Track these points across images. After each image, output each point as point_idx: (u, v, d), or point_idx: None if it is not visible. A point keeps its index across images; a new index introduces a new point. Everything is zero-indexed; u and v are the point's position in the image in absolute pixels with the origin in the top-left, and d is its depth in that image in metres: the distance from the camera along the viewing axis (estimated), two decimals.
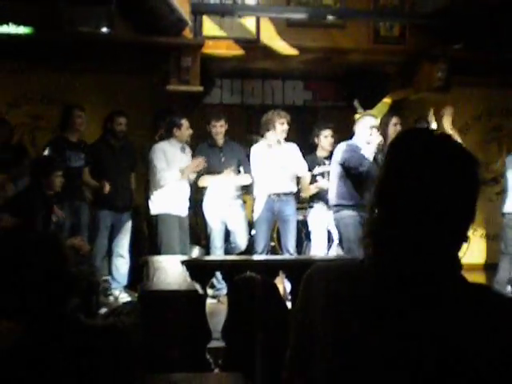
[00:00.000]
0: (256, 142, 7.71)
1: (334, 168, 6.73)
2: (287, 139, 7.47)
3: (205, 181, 7.63)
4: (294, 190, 7.56)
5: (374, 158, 6.53)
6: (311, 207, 7.67)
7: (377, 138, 6.58)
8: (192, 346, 4.15)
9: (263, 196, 7.38)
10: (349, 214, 6.47)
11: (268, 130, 7.32)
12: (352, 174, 6.50)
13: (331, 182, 6.81)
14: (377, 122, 6.83)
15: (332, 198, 6.74)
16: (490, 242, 9.80)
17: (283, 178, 7.36)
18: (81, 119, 7.43)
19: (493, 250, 9.11)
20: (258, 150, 7.48)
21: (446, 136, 1.45)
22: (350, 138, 6.76)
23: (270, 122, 7.33)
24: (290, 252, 7.29)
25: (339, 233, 6.76)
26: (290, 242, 7.37)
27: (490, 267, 8.47)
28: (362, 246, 1.45)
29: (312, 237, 7.61)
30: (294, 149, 7.49)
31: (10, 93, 8.88)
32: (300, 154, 7.48)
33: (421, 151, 1.39)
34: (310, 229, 7.67)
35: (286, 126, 7.33)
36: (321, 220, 7.46)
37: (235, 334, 4.46)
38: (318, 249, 7.40)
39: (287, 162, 7.34)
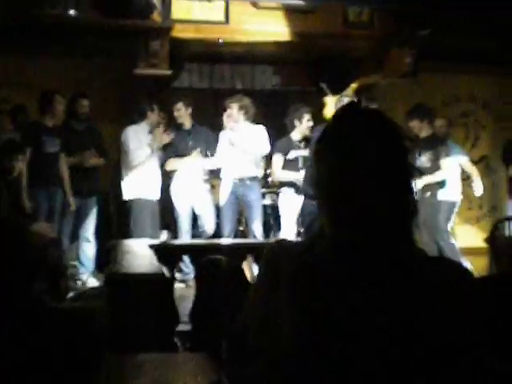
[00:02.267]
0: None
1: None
2: (256, 123, 7.50)
3: (172, 164, 7.63)
4: (259, 174, 7.58)
5: None
6: (279, 192, 7.70)
7: None
8: (160, 329, 4.16)
9: (228, 180, 7.40)
10: None
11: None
12: None
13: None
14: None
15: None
16: None
17: (246, 162, 7.38)
18: (61, 106, 7.35)
19: None
20: (222, 135, 7.51)
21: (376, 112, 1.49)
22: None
23: (225, 106, 7.40)
24: (256, 236, 7.31)
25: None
26: (256, 226, 7.39)
27: None
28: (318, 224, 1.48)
29: (281, 222, 7.63)
30: (258, 131, 7.48)
31: None
32: (266, 136, 7.47)
33: (361, 136, 1.43)
34: (280, 214, 7.68)
35: (233, 111, 7.36)
36: (291, 205, 7.46)
37: (202, 316, 4.48)
38: (287, 234, 7.40)
39: (249, 145, 7.35)
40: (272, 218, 8.22)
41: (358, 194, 1.41)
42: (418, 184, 7.06)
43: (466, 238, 8.91)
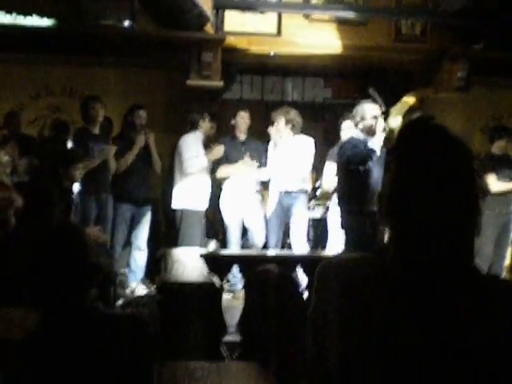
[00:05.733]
0: None
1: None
2: (306, 135, 7.50)
3: (224, 170, 7.67)
4: (306, 187, 7.54)
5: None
6: (328, 205, 7.65)
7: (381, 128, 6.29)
8: (208, 338, 4.18)
9: (275, 192, 7.42)
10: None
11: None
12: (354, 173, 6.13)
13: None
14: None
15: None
16: None
17: (292, 174, 7.38)
18: (95, 110, 7.35)
19: None
20: (271, 147, 7.54)
21: (446, 131, 1.48)
22: None
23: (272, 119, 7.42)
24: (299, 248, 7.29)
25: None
26: (299, 239, 7.37)
27: None
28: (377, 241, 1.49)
29: (329, 235, 7.55)
30: (306, 144, 7.46)
31: (32, 85, 8.91)
32: (313, 149, 7.45)
33: (431, 154, 1.43)
34: (328, 227, 7.59)
35: (279, 125, 7.37)
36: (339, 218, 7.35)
37: (251, 326, 4.48)
38: (335, 248, 7.32)
39: (295, 158, 7.35)
40: (320, 230, 8.17)
41: (422, 209, 1.40)
42: (489, 201, 7.05)
43: None
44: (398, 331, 1.37)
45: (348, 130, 6.98)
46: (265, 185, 7.78)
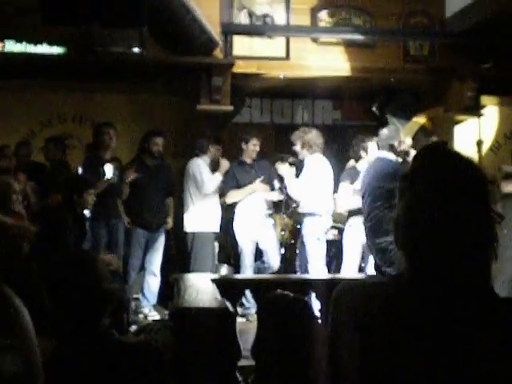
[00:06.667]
0: (286, 160, 7.71)
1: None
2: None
3: (234, 195, 7.68)
4: (307, 209, 7.48)
5: None
6: (340, 228, 7.62)
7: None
8: (222, 363, 4.16)
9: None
10: None
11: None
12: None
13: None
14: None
15: None
16: None
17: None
18: (109, 136, 7.40)
19: None
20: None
21: (460, 157, 1.49)
22: None
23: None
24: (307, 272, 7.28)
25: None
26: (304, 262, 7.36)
27: None
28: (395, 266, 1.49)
29: (344, 257, 7.46)
30: (306, 165, 7.45)
31: (43, 112, 9.00)
32: (312, 168, 7.39)
33: (446, 179, 1.43)
34: (344, 248, 7.53)
35: (297, 147, 7.42)
36: (356, 239, 7.21)
37: (265, 351, 4.45)
38: (350, 270, 7.27)
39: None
40: (333, 253, 8.13)
41: (437, 236, 1.40)
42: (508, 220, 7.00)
43: None
44: (414, 357, 1.37)
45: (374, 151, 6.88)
46: (275, 208, 7.77)
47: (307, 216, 7.35)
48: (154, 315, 7.52)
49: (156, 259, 7.73)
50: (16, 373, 1.62)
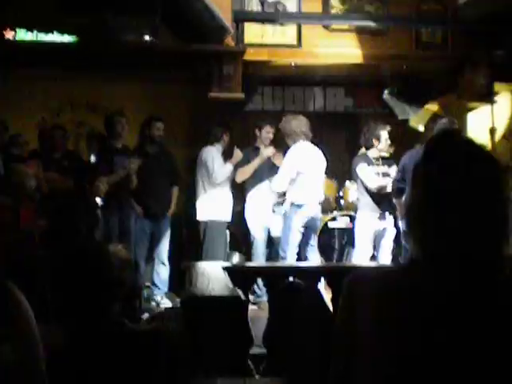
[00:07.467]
0: None
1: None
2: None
3: (242, 172, 7.67)
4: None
5: None
6: (351, 215, 7.59)
7: None
8: (234, 351, 4.16)
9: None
10: None
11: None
12: None
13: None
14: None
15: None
16: None
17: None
18: (121, 125, 7.39)
19: None
20: None
21: (473, 143, 1.49)
22: None
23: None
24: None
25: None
26: (310, 250, 7.37)
27: None
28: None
29: (356, 245, 7.45)
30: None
31: (55, 100, 9.02)
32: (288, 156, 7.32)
33: (459, 168, 1.44)
34: (355, 236, 7.51)
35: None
36: (366, 227, 7.23)
37: (276, 340, 4.46)
38: (362, 258, 7.25)
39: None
40: (344, 241, 8.11)
41: (451, 222, 1.40)
42: None
43: None
44: (429, 344, 1.37)
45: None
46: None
47: (290, 207, 7.27)
48: (166, 303, 7.54)
49: (163, 248, 7.74)
50: (15, 361, 1.62)
